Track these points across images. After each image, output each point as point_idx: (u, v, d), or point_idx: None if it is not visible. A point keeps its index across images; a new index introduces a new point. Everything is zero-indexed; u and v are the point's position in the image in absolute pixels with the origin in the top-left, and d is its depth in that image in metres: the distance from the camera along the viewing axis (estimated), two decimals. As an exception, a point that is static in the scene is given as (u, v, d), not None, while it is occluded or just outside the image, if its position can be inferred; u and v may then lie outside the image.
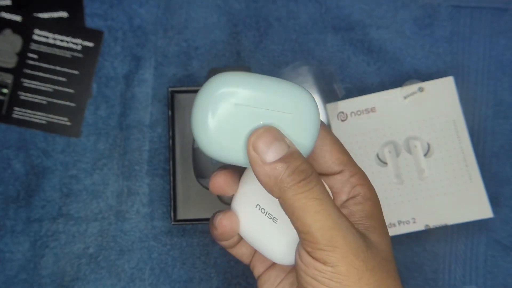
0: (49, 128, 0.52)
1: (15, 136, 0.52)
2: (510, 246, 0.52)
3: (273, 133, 0.30)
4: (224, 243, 0.37)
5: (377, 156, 0.50)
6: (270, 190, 0.30)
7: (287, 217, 0.31)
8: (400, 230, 0.49)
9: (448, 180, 0.50)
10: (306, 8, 0.54)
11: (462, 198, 0.49)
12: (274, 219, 0.34)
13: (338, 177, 0.35)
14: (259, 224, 0.34)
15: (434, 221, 0.49)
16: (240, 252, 0.38)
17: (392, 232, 0.49)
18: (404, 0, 0.54)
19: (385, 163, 0.50)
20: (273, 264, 0.37)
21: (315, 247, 0.31)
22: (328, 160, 0.35)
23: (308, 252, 0.31)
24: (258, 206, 0.34)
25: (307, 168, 0.31)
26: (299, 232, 0.31)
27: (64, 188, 0.52)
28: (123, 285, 0.51)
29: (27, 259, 0.51)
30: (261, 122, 0.30)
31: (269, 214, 0.34)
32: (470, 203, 0.49)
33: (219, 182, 0.34)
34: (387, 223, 0.49)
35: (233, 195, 0.35)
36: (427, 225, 0.49)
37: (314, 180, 0.31)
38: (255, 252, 0.38)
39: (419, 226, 0.49)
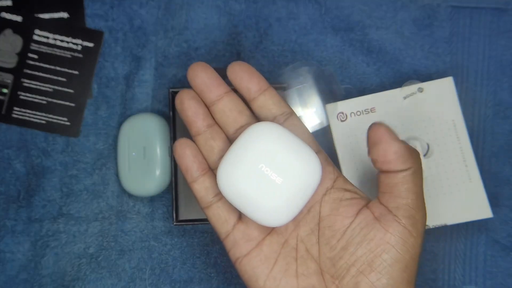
0: (49, 128, 0.52)
1: (16, 137, 0.52)
2: (509, 246, 0.52)
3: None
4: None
5: (377, 156, 0.50)
6: (404, 161, 0.35)
7: (293, 179, 0.34)
8: (400, 230, 0.49)
9: (448, 180, 0.50)
10: (306, 8, 0.54)
11: (461, 198, 0.49)
12: (278, 179, 0.34)
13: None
14: (258, 182, 0.34)
15: (434, 221, 0.49)
16: (217, 214, 0.37)
17: (392, 232, 0.49)
18: (403, 1, 0.54)
19: (385, 164, 0.50)
20: (262, 241, 0.37)
21: (414, 213, 0.35)
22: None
23: (399, 220, 0.35)
24: (262, 166, 0.34)
25: None
26: (404, 196, 0.35)
27: (64, 188, 0.52)
28: (123, 285, 0.51)
29: (27, 259, 0.51)
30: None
31: (273, 174, 0.34)
32: (470, 203, 0.49)
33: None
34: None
35: None
36: (426, 225, 0.49)
37: None
38: (235, 222, 0.37)
39: (418, 226, 0.49)
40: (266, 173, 0.34)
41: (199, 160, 0.38)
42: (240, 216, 0.38)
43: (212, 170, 0.38)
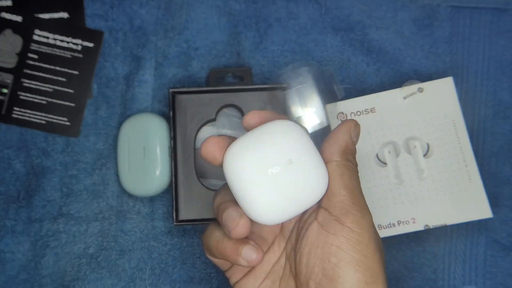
0: (49, 128, 0.52)
1: (16, 137, 0.52)
2: (509, 246, 0.52)
3: None
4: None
5: (377, 156, 0.50)
6: (337, 152, 0.35)
7: (300, 183, 0.33)
8: (400, 230, 0.49)
9: (448, 180, 0.50)
10: (306, 8, 0.54)
11: (461, 198, 0.49)
12: (290, 161, 0.34)
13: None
14: (264, 174, 0.33)
15: (434, 221, 0.49)
16: (218, 262, 0.38)
17: (392, 232, 0.49)
18: (403, 1, 0.54)
19: (385, 164, 0.50)
20: (252, 270, 0.37)
21: (350, 209, 0.34)
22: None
23: (338, 219, 0.34)
24: (273, 161, 0.34)
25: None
26: (336, 195, 0.34)
27: (64, 188, 0.52)
28: (123, 285, 0.51)
29: (27, 259, 0.51)
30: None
31: (282, 172, 0.34)
32: (470, 203, 0.49)
33: (212, 147, 0.34)
34: (386, 223, 0.49)
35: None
36: (426, 225, 0.49)
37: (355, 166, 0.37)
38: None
39: (418, 226, 0.49)
40: (275, 169, 0.33)
41: None
42: None
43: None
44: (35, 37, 0.53)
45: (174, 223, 0.50)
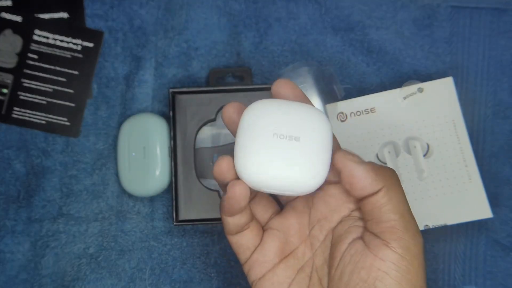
0: (48, 128, 0.52)
1: (16, 137, 0.52)
2: (509, 246, 0.52)
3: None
4: (231, 219, 0.35)
5: (377, 156, 0.50)
6: (371, 182, 0.32)
7: (309, 136, 0.33)
8: (400, 230, 0.49)
9: (448, 181, 0.50)
10: (306, 8, 0.54)
11: (461, 198, 0.49)
12: (296, 138, 0.33)
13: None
14: (279, 150, 0.33)
15: (434, 221, 0.49)
16: (241, 242, 0.36)
17: (392, 232, 0.49)
18: (403, 1, 0.54)
19: (385, 163, 0.50)
20: (277, 264, 0.36)
21: (402, 235, 0.32)
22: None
23: (387, 243, 0.32)
24: (275, 135, 0.33)
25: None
26: (385, 220, 0.32)
27: (64, 188, 0.52)
28: (123, 285, 0.51)
29: (27, 259, 0.51)
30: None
31: (289, 136, 0.33)
32: (470, 203, 0.49)
33: (223, 167, 0.34)
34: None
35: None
36: (426, 225, 0.49)
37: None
38: (256, 247, 0.36)
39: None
40: (282, 141, 0.33)
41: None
42: (261, 240, 0.37)
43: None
44: (35, 37, 0.53)
45: (174, 223, 0.50)
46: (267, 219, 0.38)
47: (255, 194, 0.38)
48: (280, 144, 0.33)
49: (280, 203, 0.39)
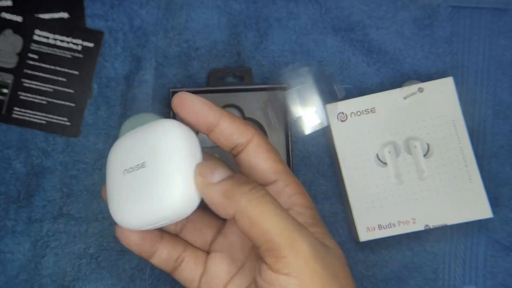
0: (48, 128, 0.52)
1: (16, 137, 0.52)
2: (509, 246, 0.52)
3: (212, 162, 0.31)
4: (142, 253, 0.35)
5: (377, 156, 0.50)
6: (223, 208, 0.30)
7: (154, 155, 0.30)
8: (400, 230, 0.49)
9: (448, 180, 0.50)
10: (306, 8, 0.54)
11: (461, 198, 0.49)
12: (142, 165, 0.31)
13: (272, 188, 0.34)
14: (131, 186, 0.31)
15: (434, 221, 0.49)
16: (183, 277, 0.36)
17: (392, 232, 0.49)
18: (403, 1, 0.54)
19: (385, 164, 0.50)
20: (226, 285, 0.35)
21: (277, 254, 0.29)
22: (263, 169, 0.34)
23: (270, 267, 0.30)
24: (124, 172, 0.31)
25: (251, 180, 0.31)
26: (260, 245, 0.30)
27: (64, 188, 0.52)
28: (123, 285, 0.51)
29: (27, 259, 0.51)
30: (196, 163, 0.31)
31: (135, 166, 0.31)
32: (470, 203, 0.49)
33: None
34: (386, 223, 0.49)
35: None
36: (426, 225, 0.49)
37: (262, 188, 0.30)
38: (201, 276, 0.35)
39: (418, 226, 0.49)
40: (130, 174, 0.31)
41: (149, 237, 0.35)
42: (204, 268, 0.36)
43: (166, 235, 0.36)
44: (35, 37, 0.53)
45: (174, 223, 0.50)
46: (209, 241, 0.37)
47: (184, 223, 0.37)
48: (129, 179, 0.31)
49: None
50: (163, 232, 0.37)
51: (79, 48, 0.53)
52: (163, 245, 0.36)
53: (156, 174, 0.30)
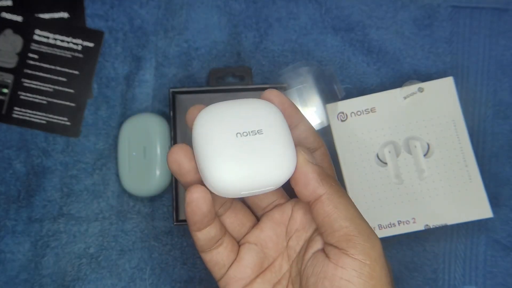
0: (49, 128, 0.52)
1: (16, 136, 0.52)
2: (509, 246, 0.52)
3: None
4: (200, 237, 0.34)
5: (377, 156, 0.50)
6: (314, 186, 0.32)
7: (269, 125, 0.32)
8: (400, 230, 0.49)
9: (448, 180, 0.50)
10: (306, 8, 0.54)
11: (462, 198, 0.49)
12: (259, 131, 0.32)
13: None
14: (247, 147, 0.32)
15: (434, 221, 0.49)
16: (215, 260, 0.36)
17: (392, 232, 0.49)
18: (403, 1, 0.54)
19: (385, 163, 0.50)
20: (254, 279, 0.36)
21: (355, 240, 0.32)
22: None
23: (345, 251, 0.32)
24: (238, 134, 0.32)
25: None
26: (337, 229, 0.32)
27: (64, 188, 0.52)
28: (124, 285, 0.51)
29: (28, 259, 0.51)
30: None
31: (251, 131, 0.32)
32: (470, 203, 0.49)
33: (178, 155, 0.33)
34: (386, 223, 0.49)
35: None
36: (427, 225, 0.49)
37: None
38: (231, 264, 0.36)
39: (419, 226, 0.49)
40: (246, 138, 0.32)
41: (213, 211, 0.34)
42: (236, 257, 0.36)
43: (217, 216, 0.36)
44: (36, 37, 0.53)
45: (174, 223, 0.50)
46: (244, 234, 0.37)
47: (228, 207, 0.37)
48: (245, 141, 0.32)
49: (256, 215, 0.39)
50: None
51: (79, 48, 0.53)
52: (215, 223, 0.35)
53: (273, 141, 0.32)
